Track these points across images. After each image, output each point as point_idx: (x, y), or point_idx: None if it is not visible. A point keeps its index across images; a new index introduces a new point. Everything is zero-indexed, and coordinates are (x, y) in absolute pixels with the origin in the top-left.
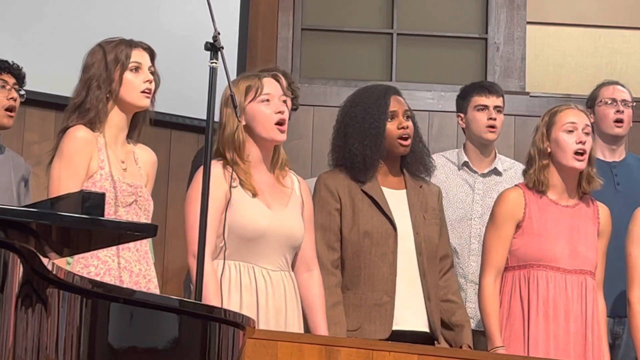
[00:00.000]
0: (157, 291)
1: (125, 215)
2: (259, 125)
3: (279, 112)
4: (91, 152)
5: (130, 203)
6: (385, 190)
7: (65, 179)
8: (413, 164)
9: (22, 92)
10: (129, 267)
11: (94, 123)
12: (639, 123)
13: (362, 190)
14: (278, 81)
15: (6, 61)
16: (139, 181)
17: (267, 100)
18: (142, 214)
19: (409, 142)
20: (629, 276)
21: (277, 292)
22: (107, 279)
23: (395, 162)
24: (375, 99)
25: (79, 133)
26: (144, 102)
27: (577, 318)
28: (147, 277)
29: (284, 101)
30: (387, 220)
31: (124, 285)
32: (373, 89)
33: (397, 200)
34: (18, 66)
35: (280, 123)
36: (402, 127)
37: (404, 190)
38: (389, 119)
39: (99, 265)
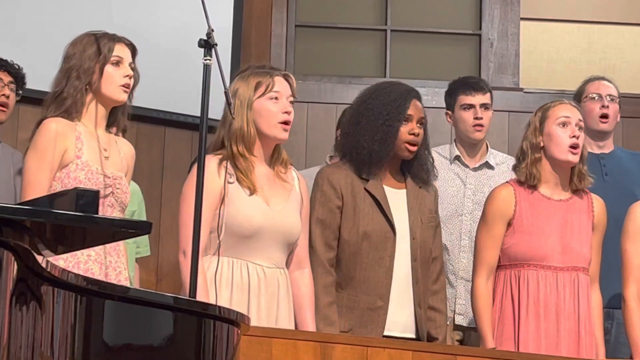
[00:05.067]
0: (127, 283)
1: (100, 208)
2: (264, 122)
3: (286, 112)
4: (65, 144)
5: (105, 195)
6: (386, 189)
7: (37, 171)
8: (415, 169)
9: (19, 92)
10: (99, 260)
11: (71, 113)
12: (635, 119)
13: (365, 188)
14: (288, 81)
15: (5, 60)
16: (120, 171)
17: (276, 98)
18: (117, 207)
19: (415, 148)
20: (624, 273)
21: (269, 290)
22: (75, 272)
23: (397, 163)
24: (395, 98)
25: (52, 125)
26: (122, 96)
27: (569, 316)
28: (118, 270)
29: (291, 102)
30: (387, 223)
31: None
32: (396, 86)
33: (397, 200)
34: (18, 66)
35: (285, 122)
36: (413, 134)
37: (404, 190)
38: (404, 122)
39: (68, 258)
